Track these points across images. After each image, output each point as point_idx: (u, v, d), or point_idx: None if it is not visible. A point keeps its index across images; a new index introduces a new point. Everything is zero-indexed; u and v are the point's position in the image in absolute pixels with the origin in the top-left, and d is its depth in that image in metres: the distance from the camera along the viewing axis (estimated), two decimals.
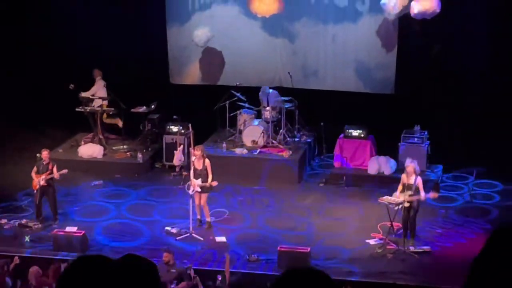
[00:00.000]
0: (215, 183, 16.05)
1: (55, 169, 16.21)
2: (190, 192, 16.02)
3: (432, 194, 15.40)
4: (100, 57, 20.55)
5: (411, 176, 15.20)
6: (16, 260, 14.02)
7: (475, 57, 19.09)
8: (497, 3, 18.94)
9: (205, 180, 16.01)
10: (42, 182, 16.13)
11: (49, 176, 16.17)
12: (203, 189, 16.06)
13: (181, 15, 21.01)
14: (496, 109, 19.15)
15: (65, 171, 16.30)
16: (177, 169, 19.23)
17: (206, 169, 16.07)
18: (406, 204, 15.10)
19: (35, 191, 16.31)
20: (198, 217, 16.30)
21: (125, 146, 20.16)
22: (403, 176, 15.39)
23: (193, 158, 16.27)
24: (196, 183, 15.98)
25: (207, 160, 16.18)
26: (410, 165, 15.27)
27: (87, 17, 20.82)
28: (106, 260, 3.68)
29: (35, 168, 16.32)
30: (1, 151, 19.63)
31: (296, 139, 19.72)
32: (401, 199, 15.14)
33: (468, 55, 19.09)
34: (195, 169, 16.12)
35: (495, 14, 18.89)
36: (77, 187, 18.36)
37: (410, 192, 15.11)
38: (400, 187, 15.28)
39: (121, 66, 20.38)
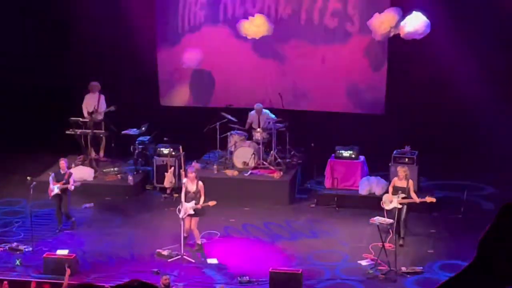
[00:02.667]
0: (213, 203, 15.92)
1: (71, 179, 16.83)
2: (181, 216, 15.92)
3: (429, 198, 15.86)
4: (90, 79, 20.52)
5: (403, 180, 15.84)
6: (5, 285, 13.92)
7: (465, 77, 19.16)
8: (486, 24, 19.04)
9: (198, 203, 15.94)
10: (56, 191, 16.66)
11: (64, 186, 16.71)
12: (196, 212, 15.97)
13: (171, 37, 21.05)
14: (488, 128, 19.22)
15: (78, 183, 17.09)
16: (168, 191, 19.18)
17: (199, 192, 15.98)
18: (399, 206, 15.71)
19: (50, 198, 16.92)
20: (185, 235, 16.11)
21: (115, 169, 20.11)
22: (394, 180, 16.11)
23: (184, 180, 16.19)
24: (188, 206, 15.88)
25: (200, 183, 16.11)
26: (402, 169, 16.03)
27: (76, 38, 20.84)
28: None
29: (53, 175, 16.96)
30: None
31: (287, 160, 19.70)
32: (393, 204, 15.71)
33: (459, 74, 19.16)
34: (187, 192, 16.02)
35: (485, 34, 19.00)
36: (68, 209, 18.27)
37: (403, 195, 15.74)
38: (391, 189, 16.03)
39: (111, 89, 20.35)
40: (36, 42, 21.08)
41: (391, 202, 15.81)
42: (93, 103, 19.98)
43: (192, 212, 15.90)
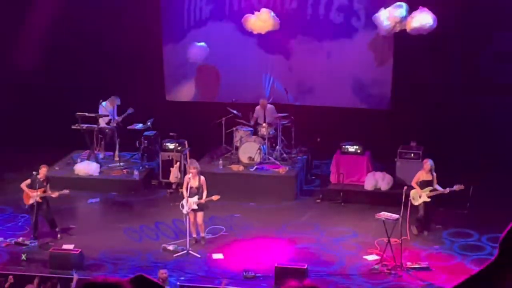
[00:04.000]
0: (217, 197, 15.92)
1: (48, 187, 16.19)
2: (185, 211, 15.91)
3: (457, 187, 16.02)
4: (95, 74, 20.54)
5: (428, 173, 16.02)
6: (11, 279, 13.93)
7: (471, 72, 19.13)
8: (491, 19, 18.99)
9: (201, 197, 15.95)
10: (37, 199, 16.04)
11: (44, 194, 16.12)
12: (200, 207, 15.97)
13: (176, 32, 21.03)
14: (494, 124, 19.18)
15: (66, 191, 16.35)
16: (173, 186, 19.18)
17: (202, 187, 16.00)
18: (427, 200, 16.02)
19: (26, 206, 16.26)
20: (194, 235, 16.18)
21: (121, 164, 20.12)
22: (420, 173, 16.21)
23: (189, 176, 16.18)
24: (192, 201, 15.89)
25: (202, 177, 16.10)
26: (428, 162, 16.16)
27: (82, 34, 20.81)
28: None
29: (28, 181, 16.24)
30: None
31: (292, 155, 19.70)
32: (422, 199, 16.01)
33: (466, 70, 19.13)
34: (190, 187, 16.01)
35: (490, 28, 18.96)
36: (74, 204, 18.32)
37: (430, 188, 16.02)
38: (417, 184, 16.16)
39: (116, 84, 20.36)
40: (41, 39, 21.03)
41: (420, 197, 15.92)
42: (109, 111, 20.01)
43: (196, 207, 15.91)
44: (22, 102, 20.91)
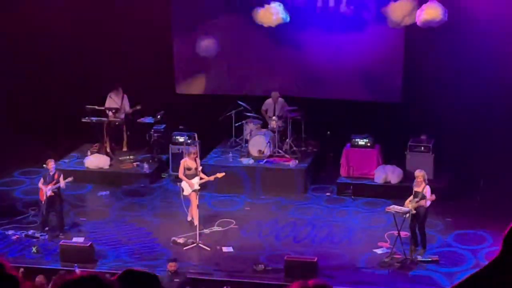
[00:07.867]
0: (221, 175, 16.17)
1: (61, 179, 16.23)
2: (185, 193, 16.09)
3: (431, 197, 15.32)
4: (105, 67, 20.54)
5: (420, 184, 15.32)
6: (21, 272, 13.96)
7: (483, 65, 19.05)
8: (503, 11, 18.91)
9: (200, 178, 16.26)
10: (49, 193, 16.11)
11: (55, 186, 16.17)
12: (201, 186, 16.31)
13: (186, 25, 21.00)
14: (504, 117, 19.11)
15: (70, 178, 16.36)
16: None
17: (197, 166, 16.33)
18: (413, 212, 15.19)
19: (42, 202, 16.30)
20: (190, 218, 16.24)
21: (131, 157, 20.14)
22: (414, 184, 15.56)
23: (194, 157, 16.45)
24: (195, 182, 16.07)
25: (198, 159, 16.51)
26: (419, 174, 15.42)
27: (92, 26, 20.82)
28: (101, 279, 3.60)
29: (42, 179, 16.37)
30: (7, 162, 19.67)
31: (302, 148, 19.68)
32: (408, 207, 15.21)
33: (476, 63, 19.05)
34: (189, 169, 16.22)
35: (501, 21, 18.88)
36: (84, 197, 18.36)
37: (416, 199, 15.25)
38: (411, 196, 15.44)
39: (126, 76, 20.36)
40: (51, 32, 21.06)
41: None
42: (118, 102, 20.03)
43: (198, 187, 16.10)
44: (32, 94, 20.93)
